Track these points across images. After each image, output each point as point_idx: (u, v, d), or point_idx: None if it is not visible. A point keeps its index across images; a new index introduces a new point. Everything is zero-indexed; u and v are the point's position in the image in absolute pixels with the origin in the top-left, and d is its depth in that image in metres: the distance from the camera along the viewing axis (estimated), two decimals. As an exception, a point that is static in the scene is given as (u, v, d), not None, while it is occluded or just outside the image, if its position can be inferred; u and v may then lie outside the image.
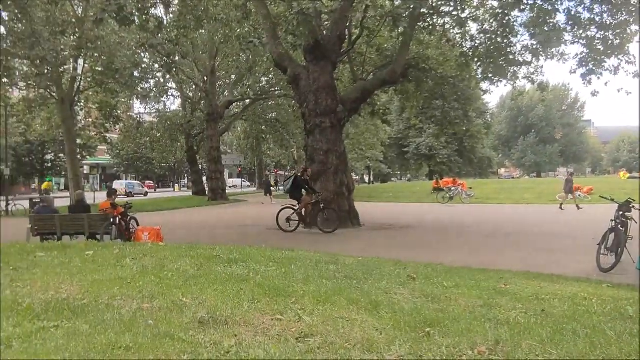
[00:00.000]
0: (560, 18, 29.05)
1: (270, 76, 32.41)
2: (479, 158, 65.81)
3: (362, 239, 13.19)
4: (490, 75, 19.20)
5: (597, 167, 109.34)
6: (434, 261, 8.14)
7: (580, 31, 16.05)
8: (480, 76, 20.16)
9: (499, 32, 17.08)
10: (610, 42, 15.75)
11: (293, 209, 14.86)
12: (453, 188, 29.97)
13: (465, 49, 18.75)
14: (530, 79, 18.76)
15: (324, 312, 4.22)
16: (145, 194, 51.32)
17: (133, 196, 46.24)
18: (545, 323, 4.04)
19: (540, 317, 4.25)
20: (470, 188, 31.42)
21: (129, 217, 12.70)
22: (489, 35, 17.74)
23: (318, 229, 14.31)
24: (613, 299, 5.17)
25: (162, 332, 3.57)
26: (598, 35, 15.91)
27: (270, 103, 38.35)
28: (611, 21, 15.50)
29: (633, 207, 9.12)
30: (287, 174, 72.54)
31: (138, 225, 12.91)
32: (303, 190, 14.91)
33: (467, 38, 18.72)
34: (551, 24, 15.41)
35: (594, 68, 16.37)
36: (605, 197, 10.94)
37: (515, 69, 18.65)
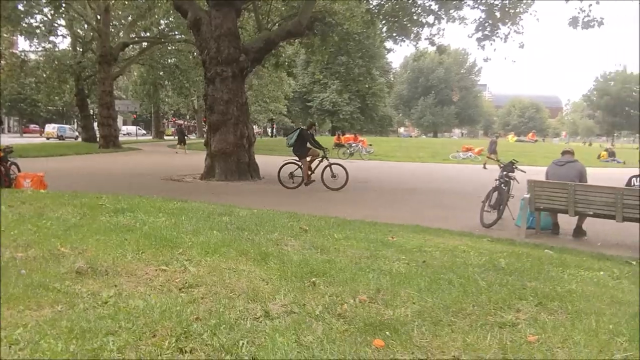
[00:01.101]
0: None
1: (171, 19, 30.77)
2: (380, 116, 67.44)
3: (260, 192, 13.12)
4: (394, 34, 19.50)
5: (489, 130, 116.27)
6: (329, 214, 8.24)
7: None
8: (384, 34, 20.42)
9: (404, -8, 17.26)
10: (507, 9, 16.46)
11: (297, 164, 13.81)
12: (354, 144, 30.57)
13: (371, 6, 18.82)
14: (431, 40, 19.22)
15: (211, 263, 4.17)
16: (76, 137, 49.80)
17: (64, 139, 45.81)
18: (425, 273, 4.22)
19: (421, 268, 4.44)
20: (371, 145, 32.25)
21: (9, 163, 11.69)
22: (395, -7, 17.90)
23: (325, 186, 13.43)
24: (489, 251, 5.51)
25: (35, 282, 3.41)
26: (497, 3, 16.55)
27: (169, 48, 36.54)
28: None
29: (516, 168, 9.75)
30: (186, 123, 70.41)
31: (19, 171, 12.00)
32: (308, 145, 13.83)
33: (374, -5, 18.77)
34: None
35: (489, 34, 17.10)
36: (491, 157, 11.62)
37: (419, 29, 19.04)
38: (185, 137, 33.35)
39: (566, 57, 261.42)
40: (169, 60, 38.17)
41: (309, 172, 13.71)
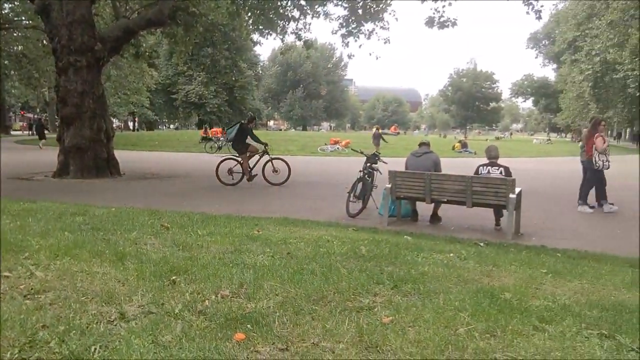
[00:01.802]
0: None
1: (16, 2, 27.99)
2: (249, 109, 67.07)
3: (120, 189, 12.43)
4: (260, 27, 19.44)
5: (356, 123, 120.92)
6: (195, 210, 8.03)
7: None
8: (251, 27, 20.27)
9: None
10: (369, 7, 17.12)
11: (236, 159, 13.41)
12: (222, 138, 30.10)
13: (237, -3, 18.59)
14: (298, 35, 19.43)
15: (61, 267, 3.90)
16: None
17: None
18: (288, 265, 4.26)
19: (285, 260, 4.48)
20: (239, 139, 31.96)
21: None
22: (260, -14, 17.83)
23: (266, 181, 13.43)
24: (352, 240, 5.71)
25: None
26: (359, 0, 17.15)
27: (15, 34, 33.20)
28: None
29: (379, 159, 10.19)
30: (43, 118, 64.78)
31: None
32: (248, 139, 13.54)
33: (240, -14, 18.55)
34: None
35: (352, 30, 17.69)
36: (356, 150, 12.05)
37: (285, 23, 19.15)
38: (45, 132, 30.83)
39: (425, 54, 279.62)
40: (15, 48, 34.69)
41: (249, 168, 13.61)
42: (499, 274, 4.42)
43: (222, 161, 13.69)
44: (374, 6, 17.17)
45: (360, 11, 17.30)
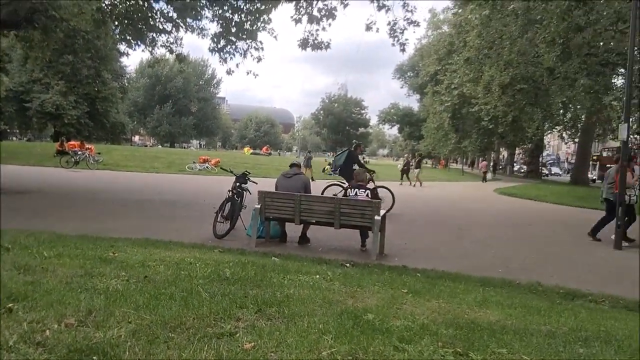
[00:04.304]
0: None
1: None
2: (112, 123, 63.14)
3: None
4: (128, 37, 18.51)
5: (227, 142, 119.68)
6: (44, 229, 7.30)
7: (220, 10, 16.87)
8: (118, 36, 19.23)
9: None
10: (244, 26, 17.03)
11: (342, 186, 12.60)
12: (79, 152, 28.04)
13: (103, 5, 17.57)
14: (169, 48, 18.77)
15: None
16: None
17: None
18: (145, 289, 3.96)
19: (142, 284, 4.16)
20: (99, 153, 30.03)
21: None
22: (129, -5, 17.06)
23: None
24: (216, 262, 5.50)
25: None
26: (236, 18, 17.00)
27: None
28: (247, 7, 16.76)
29: (248, 179, 10.06)
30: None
31: None
32: (355, 166, 13.19)
33: (107, -6, 17.59)
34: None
35: (226, 48, 17.48)
36: (225, 169, 11.81)
37: (155, 35, 18.43)
38: None
39: (299, 77, 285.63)
40: None
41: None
42: (362, 295, 4.48)
43: (328, 186, 13.59)
44: (248, 26, 17.13)
45: (234, 29, 17.16)
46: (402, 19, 16.11)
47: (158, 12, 17.83)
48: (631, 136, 17.47)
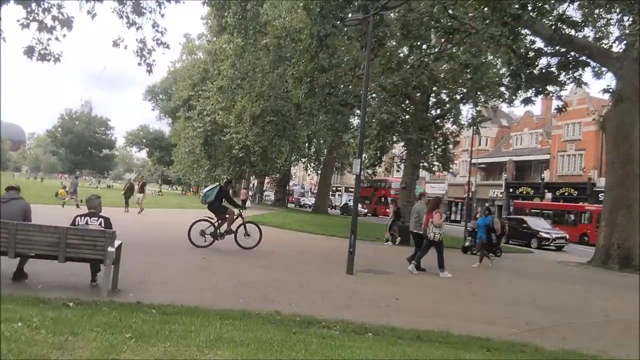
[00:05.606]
0: None
1: None
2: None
3: None
4: None
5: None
6: None
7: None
8: None
9: None
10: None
11: (210, 221, 13.08)
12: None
13: None
14: None
15: None
16: None
17: None
18: None
19: None
20: None
21: None
22: None
23: (237, 245, 13.14)
24: None
25: None
26: None
27: None
28: None
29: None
30: None
31: None
32: (225, 202, 13.59)
33: None
34: None
35: None
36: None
37: None
38: None
39: (32, 88, 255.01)
40: None
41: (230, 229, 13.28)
42: (74, 345, 3.73)
43: (195, 222, 13.12)
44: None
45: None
46: (152, 39, 15.49)
47: None
48: (363, 170, 19.85)
